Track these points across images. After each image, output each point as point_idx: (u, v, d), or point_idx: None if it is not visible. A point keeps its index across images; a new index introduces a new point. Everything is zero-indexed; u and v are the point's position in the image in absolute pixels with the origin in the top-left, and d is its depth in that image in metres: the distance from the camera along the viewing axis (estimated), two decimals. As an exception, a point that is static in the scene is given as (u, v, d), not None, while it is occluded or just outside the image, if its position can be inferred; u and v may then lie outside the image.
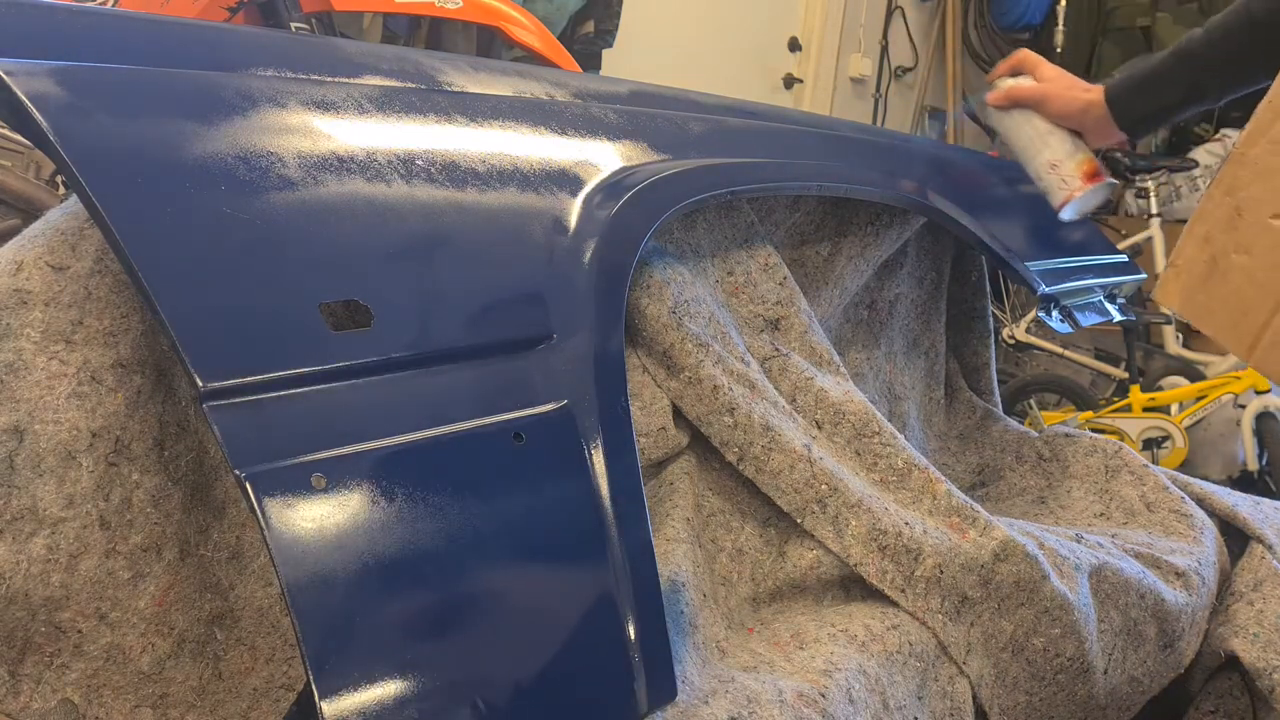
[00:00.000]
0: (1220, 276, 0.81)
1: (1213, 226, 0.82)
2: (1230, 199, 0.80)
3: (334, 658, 0.59)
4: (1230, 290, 0.80)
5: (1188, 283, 0.84)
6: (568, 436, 0.75)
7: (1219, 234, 0.81)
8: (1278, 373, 0.79)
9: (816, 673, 0.88)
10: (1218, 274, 0.81)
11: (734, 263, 1.22)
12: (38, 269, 0.77)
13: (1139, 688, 1.17)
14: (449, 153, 0.84)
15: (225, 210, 0.67)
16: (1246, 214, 0.79)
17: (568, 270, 0.84)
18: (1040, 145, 1.21)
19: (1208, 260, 0.82)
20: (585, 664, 0.71)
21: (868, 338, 1.51)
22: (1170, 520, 1.31)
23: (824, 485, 1.03)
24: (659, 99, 1.18)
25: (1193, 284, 0.84)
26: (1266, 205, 0.77)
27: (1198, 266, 0.83)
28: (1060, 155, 1.20)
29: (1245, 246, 0.79)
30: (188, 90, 0.74)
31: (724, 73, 3.80)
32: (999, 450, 1.56)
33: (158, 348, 0.82)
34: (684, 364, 1.03)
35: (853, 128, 1.49)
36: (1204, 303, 0.83)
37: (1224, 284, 0.81)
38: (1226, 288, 0.81)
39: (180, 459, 0.83)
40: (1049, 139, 1.21)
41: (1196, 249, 0.84)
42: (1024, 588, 1.02)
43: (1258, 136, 0.79)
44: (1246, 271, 0.79)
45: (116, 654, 0.78)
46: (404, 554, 0.64)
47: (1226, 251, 0.80)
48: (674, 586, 0.91)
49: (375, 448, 0.65)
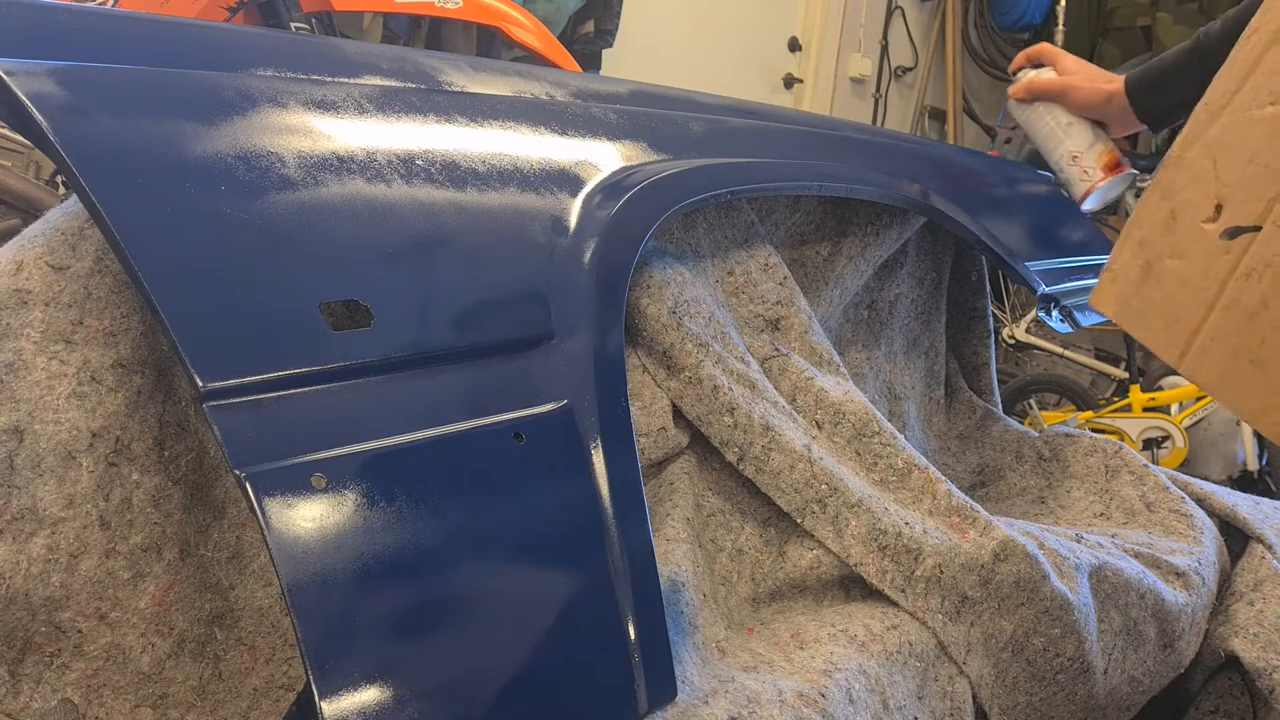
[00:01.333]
0: (1154, 282, 0.79)
1: (1148, 231, 0.80)
2: (1166, 203, 0.79)
3: (334, 658, 0.59)
4: (1163, 295, 0.78)
5: (1122, 288, 0.82)
6: (568, 436, 0.75)
7: (1154, 239, 0.80)
8: (1208, 380, 0.76)
9: (816, 673, 0.88)
10: (1152, 279, 0.79)
11: (734, 263, 1.22)
12: (38, 269, 0.77)
13: (1139, 688, 1.17)
14: (449, 153, 0.84)
15: (225, 210, 0.67)
16: (1180, 218, 0.77)
17: (568, 270, 0.84)
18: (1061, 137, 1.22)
19: (1142, 265, 0.80)
20: (585, 664, 0.71)
21: (868, 338, 1.51)
22: (1170, 520, 1.31)
23: (824, 485, 1.03)
24: (659, 99, 1.18)
25: (1127, 290, 0.82)
26: (1200, 209, 0.75)
27: (1132, 272, 0.81)
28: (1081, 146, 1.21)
29: (1179, 251, 0.77)
30: (187, 90, 0.74)
31: (724, 73, 3.81)
32: (999, 450, 1.56)
33: (158, 348, 0.82)
34: (684, 364, 1.03)
35: (853, 128, 1.49)
36: (1138, 308, 0.81)
37: (1157, 289, 0.79)
38: (1160, 293, 0.79)
39: (180, 459, 0.83)
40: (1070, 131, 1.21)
41: (1132, 254, 0.82)
42: (1024, 588, 1.02)
43: (1193, 140, 0.78)
44: (1179, 277, 0.77)
45: (116, 654, 0.78)
46: (404, 554, 0.64)
47: (1161, 256, 0.78)
48: (674, 586, 0.91)
49: (375, 448, 0.65)
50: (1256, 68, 0.72)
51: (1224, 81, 0.75)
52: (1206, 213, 0.74)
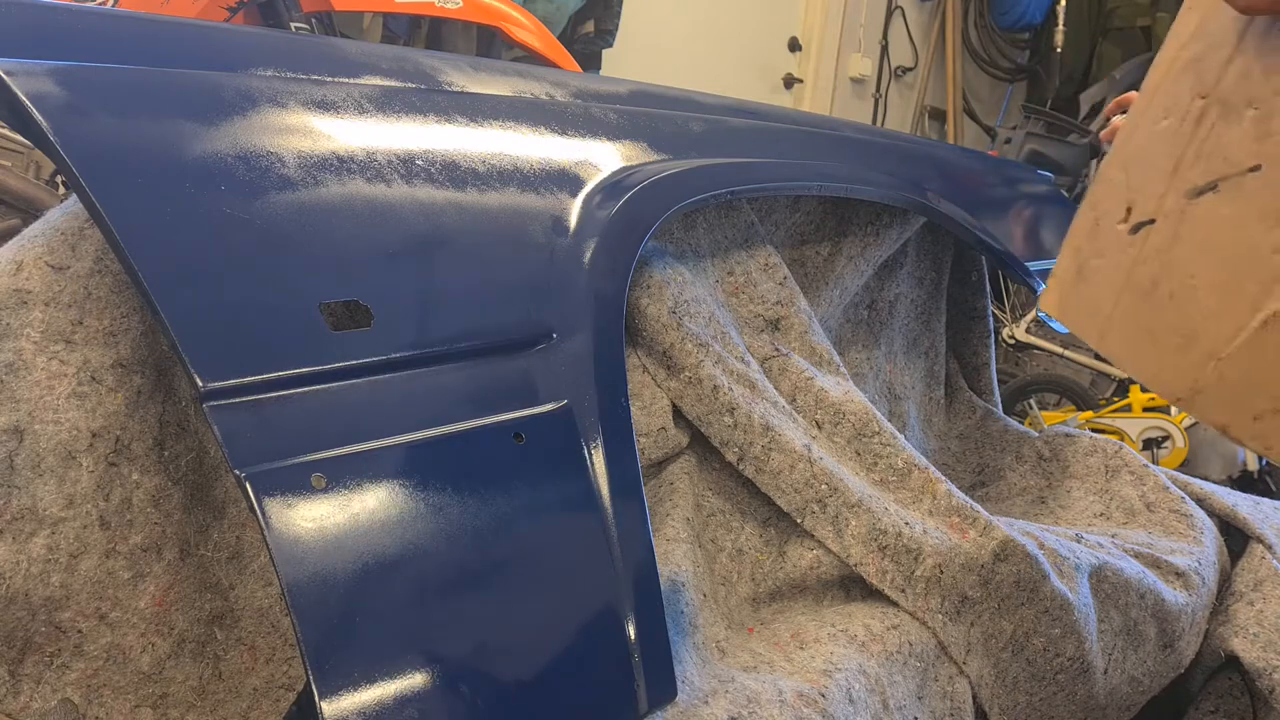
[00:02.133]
0: (1084, 281, 0.89)
1: (1080, 239, 0.90)
2: (1092, 213, 0.89)
3: (334, 658, 0.59)
4: (1090, 291, 0.88)
5: (1062, 290, 0.92)
6: (568, 436, 0.75)
7: (1083, 244, 0.89)
8: (1117, 355, 0.85)
9: (816, 673, 0.88)
10: (1083, 279, 0.89)
11: (734, 263, 1.22)
12: (38, 269, 0.77)
13: (1139, 688, 1.17)
14: (449, 153, 0.84)
15: (225, 210, 0.67)
16: (1102, 224, 0.87)
17: (568, 270, 0.84)
18: None
19: (1076, 269, 0.90)
20: (585, 664, 0.71)
21: (868, 338, 1.51)
22: (1170, 520, 1.31)
23: (824, 485, 1.03)
24: (659, 99, 1.18)
25: (1065, 290, 0.91)
26: (1116, 214, 0.84)
27: (1069, 275, 0.91)
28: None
29: (1101, 252, 0.86)
30: (187, 90, 0.74)
31: (724, 73, 3.81)
32: (999, 450, 1.56)
33: (158, 348, 0.82)
34: (684, 364, 1.03)
35: (853, 128, 1.49)
36: (1074, 305, 0.90)
37: (1086, 287, 0.88)
38: (1088, 289, 0.88)
39: (180, 459, 0.83)
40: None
41: (1069, 260, 0.91)
42: (1024, 588, 1.02)
43: (1114, 158, 0.87)
44: (1101, 273, 0.86)
45: (116, 654, 0.78)
46: (404, 554, 0.64)
47: (1089, 258, 0.88)
48: (674, 586, 0.91)
49: (375, 448, 0.65)
50: (1158, 90, 0.83)
51: (1136, 103, 0.86)
52: (1120, 215, 0.84)
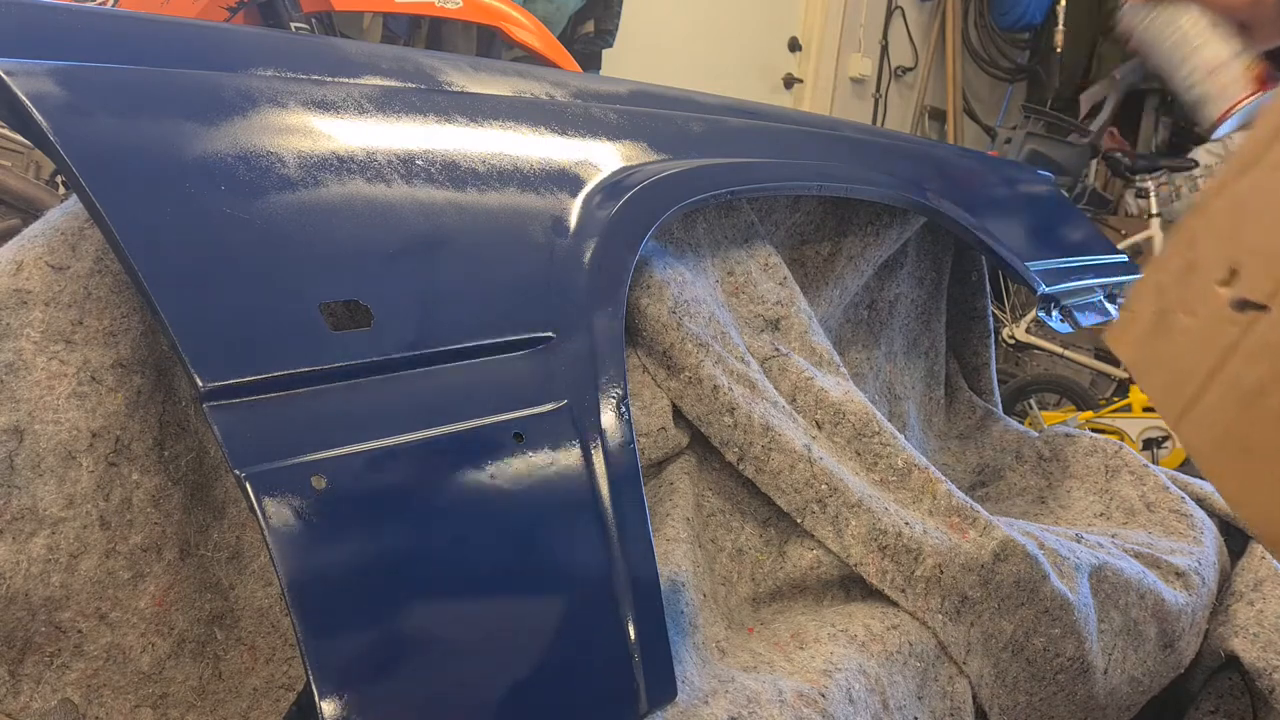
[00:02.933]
0: (1165, 334, 0.76)
1: (1166, 278, 0.77)
2: (1187, 253, 0.75)
3: (334, 658, 0.59)
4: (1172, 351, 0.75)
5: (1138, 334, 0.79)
6: (568, 436, 0.75)
7: (1170, 287, 0.76)
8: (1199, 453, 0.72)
9: (816, 673, 0.88)
10: (1163, 330, 0.76)
11: (734, 263, 1.22)
12: (38, 269, 0.77)
13: (1139, 688, 1.17)
14: (449, 153, 0.84)
15: (225, 210, 0.67)
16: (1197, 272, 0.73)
17: (568, 270, 0.84)
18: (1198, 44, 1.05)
19: (1156, 312, 0.77)
20: (585, 664, 0.71)
21: (868, 338, 1.51)
22: (1170, 520, 1.31)
23: (824, 485, 1.03)
24: (659, 99, 1.18)
25: (1141, 336, 0.79)
26: (1215, 269, 0.70)
27: (1147, 319, 0.78)
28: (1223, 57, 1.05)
29: (1191, 307, 0.73)
30: (187, 90, 0.74)
31: (724, 73, 3.81)
32: (999, 450, 1.56)
33: (158, 348, 0.82)
34: (684, 364, 1.03)
35: (853, 128, 1.49)
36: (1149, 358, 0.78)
37: (1167, 343, 0.75)
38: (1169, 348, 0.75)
39: (180, 459, 0.83)
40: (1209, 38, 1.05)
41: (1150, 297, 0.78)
42: (1024, 588, 1.02)
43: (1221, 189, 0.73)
44: (1188, 335, 0.73)
45: (116, 654, 0.78)
46: (404, 554, 0.64)
47: (1174, 308, 0.75)
48: (674, 586, 0.91)
49: (375, 448, 0.65)
50: None
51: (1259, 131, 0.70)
52: (1221, 274, 0.69)
